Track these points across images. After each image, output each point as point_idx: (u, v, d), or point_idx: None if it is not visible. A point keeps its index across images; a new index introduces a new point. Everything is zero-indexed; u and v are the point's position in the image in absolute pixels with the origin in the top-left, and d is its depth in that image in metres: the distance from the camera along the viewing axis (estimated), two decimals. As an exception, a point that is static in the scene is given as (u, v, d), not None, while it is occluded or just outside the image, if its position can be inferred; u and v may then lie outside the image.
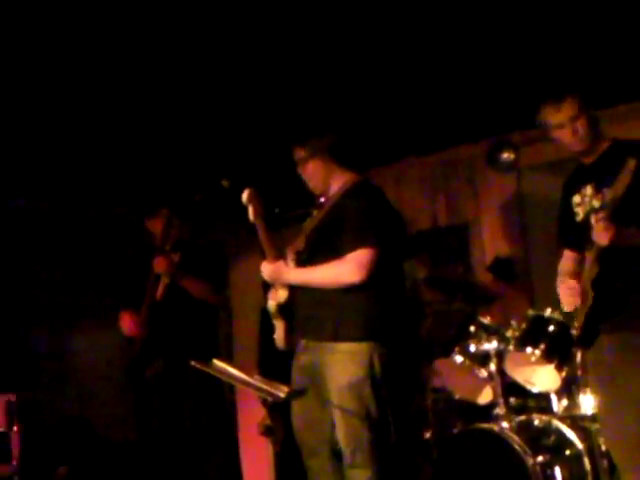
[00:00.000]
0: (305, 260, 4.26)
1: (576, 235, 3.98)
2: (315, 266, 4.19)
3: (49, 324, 6.77)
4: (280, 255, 4.29)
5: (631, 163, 3.53)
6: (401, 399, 4.36)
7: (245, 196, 4.20)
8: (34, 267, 6.81)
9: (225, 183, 4.70)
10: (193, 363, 3.76)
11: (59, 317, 6.86)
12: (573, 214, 3.99)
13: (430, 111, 5.88)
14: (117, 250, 6.85)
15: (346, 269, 4.06)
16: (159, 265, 5.14)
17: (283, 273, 4.25)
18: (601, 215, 3.65)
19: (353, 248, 4.04)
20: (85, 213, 6.99)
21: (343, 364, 4.08)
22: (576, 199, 3.97)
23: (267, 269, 4.27)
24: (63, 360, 6.69)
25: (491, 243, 6.57)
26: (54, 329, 6.80)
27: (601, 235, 3.63)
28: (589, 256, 3.77)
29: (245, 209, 4.23)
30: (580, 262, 3.99)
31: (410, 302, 5.67)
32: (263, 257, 4.30)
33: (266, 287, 4.44)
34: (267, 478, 5.96)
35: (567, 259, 4.15)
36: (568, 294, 3.86)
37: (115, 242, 6.98)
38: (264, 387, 3.60)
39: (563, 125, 3.86)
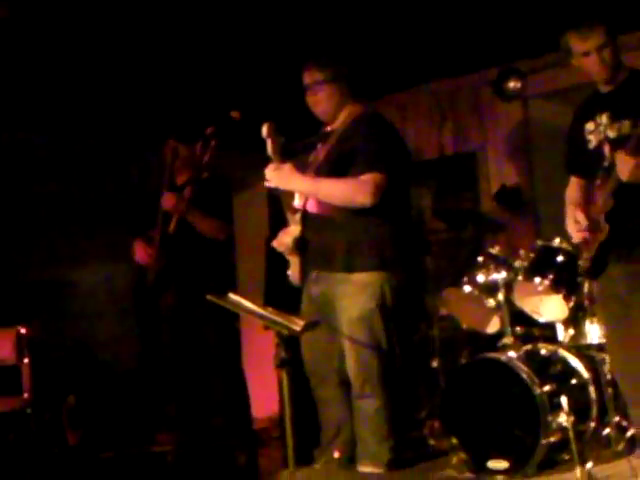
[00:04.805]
0: None
1: (585, 162, 3.94)
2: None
3: (52, 253, 6.74)
4: None
5: None
6: (407, 328, 4.38)
7: (265, 130, 4.09)
8: (39, 197, 6.76)
9: (235, 114, 4.64)
10: (209, 296, 3.77)
11: (62, 245, 6.85)
12: (584, 141, 3.92)
13: (436, 39, 5.81)
14: (131, 181, 6.81)
15: (358, 188, 4.03)
16: (167, 202, 5.12)
17: (291, 176, 4.13)
18: (628, 147, 3.53)
19: (365, 172, 4.03)
20: (101, 145, 6.91)
21: (355, 295, 4.10)
22: (589, 126, 3.90)
23: (273, 171, 4.12)
24: (65, 289, 6.67)
25: (497, 172, 6.55)
26: (56, 258, 6.78)
27: (625, 169, 3.53)
28: (603, 188, 3.73)
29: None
30: (587, 190, 3.96)
31: (415, 230, 5.67)
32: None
33: (273, 220, 4.40)
34: (272, 407, 6.06)
35: (574, 186, 4.11)
36: (577, 227, 3.83)
37: (130, 173, 6.92)
38: (280, 320, 3.60)
39: (589, 53, 3.77)
